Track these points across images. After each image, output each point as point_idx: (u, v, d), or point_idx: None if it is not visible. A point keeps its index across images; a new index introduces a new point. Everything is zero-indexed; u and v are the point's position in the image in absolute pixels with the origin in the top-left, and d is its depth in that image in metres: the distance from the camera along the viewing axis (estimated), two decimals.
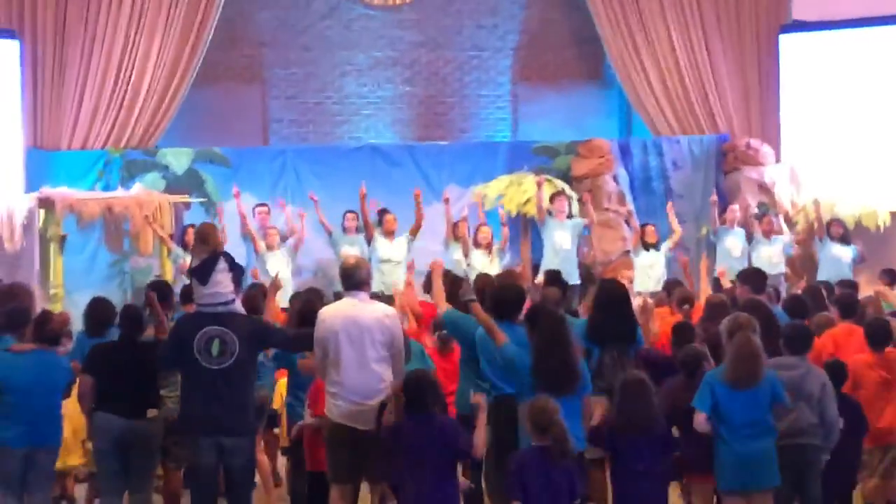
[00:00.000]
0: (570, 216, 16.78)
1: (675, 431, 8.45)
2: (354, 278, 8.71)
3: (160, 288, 10.17)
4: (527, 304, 9.22)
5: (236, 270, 8.88)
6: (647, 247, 16.51)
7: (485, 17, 20.35)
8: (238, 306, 8.75)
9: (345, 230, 16.58)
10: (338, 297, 9.55)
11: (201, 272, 8.62)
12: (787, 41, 19.14)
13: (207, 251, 8.77)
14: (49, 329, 9.10)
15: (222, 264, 8.60)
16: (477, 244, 16.21)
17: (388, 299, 10.80)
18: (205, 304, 8.62)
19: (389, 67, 20.24)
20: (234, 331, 8.46)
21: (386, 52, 20.21)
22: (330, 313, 8.60)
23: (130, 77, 18.37)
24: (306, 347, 8.91)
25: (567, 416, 7.81)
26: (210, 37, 18.64)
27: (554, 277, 11.13)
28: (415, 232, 16.21)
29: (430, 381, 8.02)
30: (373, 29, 20.18)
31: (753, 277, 11.35)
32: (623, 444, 8.16)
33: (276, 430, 10.81)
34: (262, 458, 10.24)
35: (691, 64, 19.32)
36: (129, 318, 9.31)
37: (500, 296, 8.93)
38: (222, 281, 8.57)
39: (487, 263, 15.65)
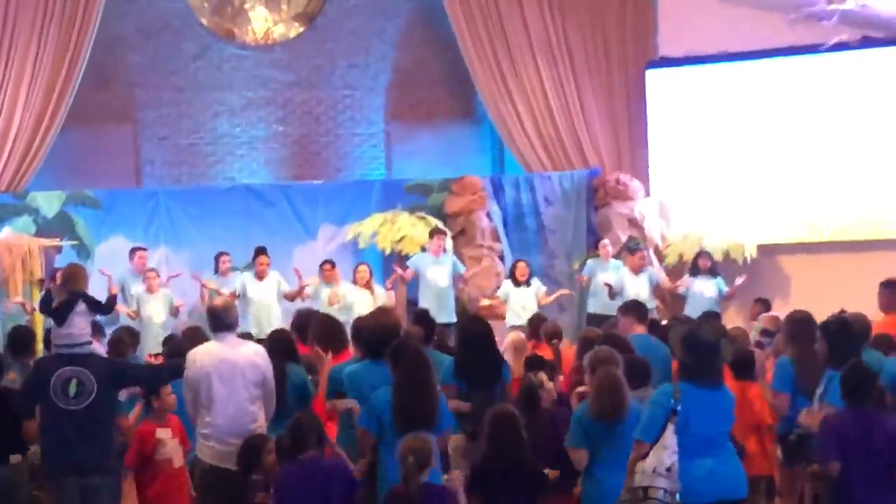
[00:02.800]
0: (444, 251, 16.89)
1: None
2: (223, 319, 8.69)
3: (19, 336, 9.95)
4: None
5: (101, 308, 8.85)
6: (517, 283, 16.63)
7: (357, 56, 20.41)
8: (96, 347, 8.72)
9: (219, 272, 16.53)
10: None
11: (59, 314, 8.58)
12: (653, 77, 19.49)
13: (67, 292, 8.73)
14: None
15: (81, 306, 8.57)
16: (356, 282, 16.30)
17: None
18: (61, 346, 8.58)
19: (262, 107, 20.21)
20: (91, 371, 8.42)
21: (258, 92, 20.17)
22: (201, 354, 8.57)
23: None
24: (164, 382, 8.91)
25: None
26: (80, 78, 18.41)
27: (419, 316, 11.14)
28: (291, 298, 16.20)
29: (312, 423, 7.94)
30: (245, 69, 20.14)
31: (635, 309, 11.41)
32: (493, 482, 8.10)
33: None
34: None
35: (561, 100, 19.56)
36: None
37: (372, 334, 8.97)
38: (79, 323, 8.55)
39: (369, 302, 15.67)
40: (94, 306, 8.81)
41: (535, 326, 12.75)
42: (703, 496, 7.67)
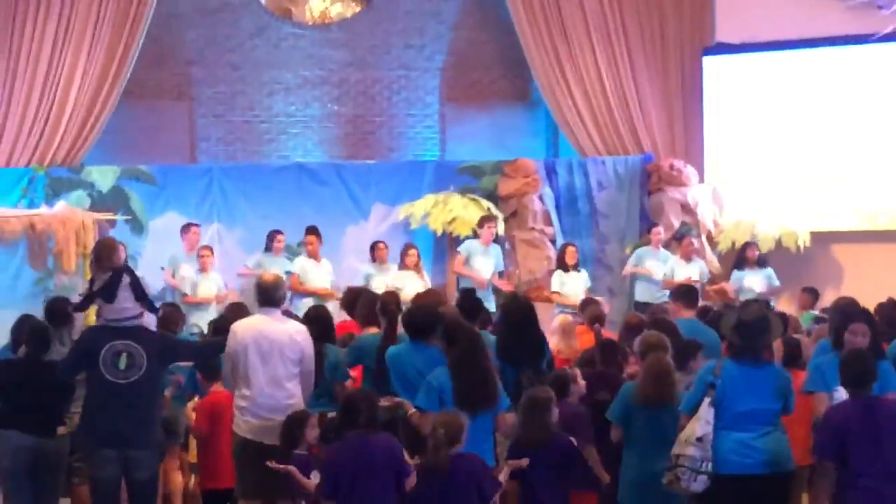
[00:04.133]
0: (496, 239, 16.86)
1: None
2: (270, 295, 8.75)
3: (57, 307, 9.97)
4: None
5: (142, 298, 8.89)
6: (566, 268, 16.59)
7: (413, 37, 20.42)
8: (145, 320, 8.74)
9: (272, 251, 16.54)
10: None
11: (107, 292, 8.56)
12: (710, 63, 19.36)
13: (108, 269, 8.76)
14: None
15: (125, 280, 8.59)
16: (405, 265, 16.20)
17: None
18: (111, 320, 8.58)
19: (317, 86, 20.25)
20: (142, 345, 8.44)
21: (314, 71, 20.22)
22: (241, 327, 8.66)
23: (56, 94, 18.26)
24: (212, 356, 8.96)
25: (479, 433, 7.92)
26: (137, 54, 18.56)
27: (465, 295, 11.09)
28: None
29: (366, 401, 7.89)
30: (301, 48, 20.19)
31: (685, 294, 11.37)
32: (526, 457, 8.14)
33: None
34: (176, 476, 10.22)
35: (617, 85, 19.48)
36: (35, 336, 9.25)
37: (412, 316, 9.01)
38: (128, 297, 8.56)
39: (419, 285, 15.42)
40: (137, 290, 8.81)
41: (583, 310, 12.76)
42: (732, 467, 7.93)
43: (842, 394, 8.09)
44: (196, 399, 10.02)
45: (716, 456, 7.88)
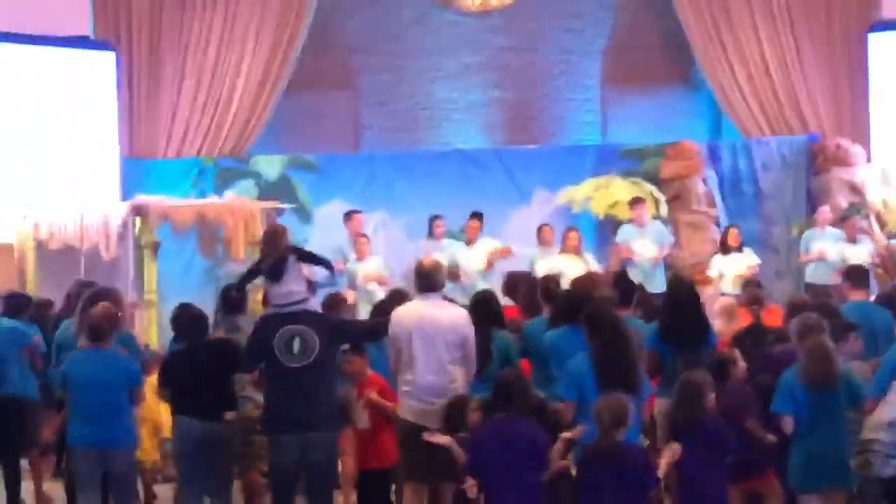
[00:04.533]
0: (656, 217, 16.78)
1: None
2: (430, 280, 8.83)
3: (230, 295, 10.15)
4: None
5: (317, 260, 9.08)
6: (728, 250, 16.46)
7: (572, 20, 20.36)
8: (313, 303, 8.91)
9: (433, 236, 16.67)
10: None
11: (274, 272, 8.76)
12: (875, 40, 18.99)
13: (272, 252, 8.96)
14: (92, 325, 9.36)
15: (292, 261, 8.77)
16: (566, 249, 16.19)
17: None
18: (280, 305, 8.75)
19: (478, 72, 20.34)
20: (314, 328, 8.56)
21: (475, 58, 20.31)
22: (404, 312, 8.75)
23: (223, 86, 18.72)
24: (378, 338, 9.14)
25: None
26: (301, 44, 18.90)
27: (618, 279, 11.02)
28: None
29: (519, 383, 8.01)
30: (461, 34, 20.28)
31: (855, 274, 11.23)
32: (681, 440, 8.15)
33: None
34: (348, 459, 10.33)
35: (780, 65, 19.19)
36: (195, 322, 9.48)
37: (564, 302, 9.04)
38: (294, 279, 8.74)
39: (579, 268, 15.39)
40: (309, 258, 9.01)
41: (743, 292, 12.71)
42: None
43: None
44: None
45: None
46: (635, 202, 16.82)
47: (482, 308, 9.46)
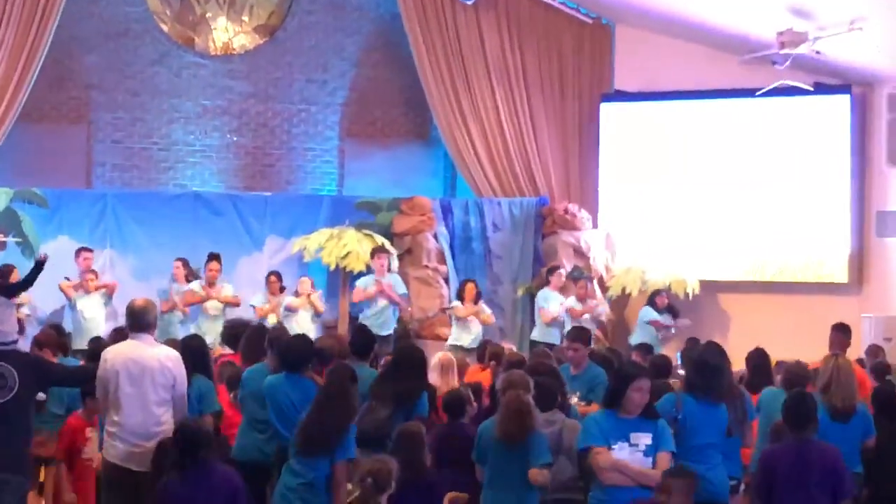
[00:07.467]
0: (389, 270, 16.97)
1: None
2: (139, 319, 8.67)
3: None
4: None
5: (25, 281, 8.86)
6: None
7: (315, 72, 20.48)
8: (20, 346, 8.67)
9: (174, 278, 16.66)
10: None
11: None
12: (607, 109, 19.65)
13: None
14: None
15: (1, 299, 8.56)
16: (297, 294, 16.57)
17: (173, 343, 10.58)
18: None
19: (218, 116, 20.22)
20: (13, 365, 8.31)
21: (215, 101, 20.19)
22: (113, 353, 8.57)
23: None
24: (84, 382, 8.92)
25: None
26: (35, 76, 18.39)
27: (357, 330, 11.20)
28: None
29: (205, 431, 7.90)
30: (202, 77, 20.16)
31: (581, 334, 11.59)
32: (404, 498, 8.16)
33: None
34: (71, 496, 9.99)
35: (514, 127, 19.68)
36: None
37: (287, 350, 9.17)
38: (6, 319, 8.52)
39: (307, 316, 16.31)
40: (11, 289, 8.77)
41: (483, 350, 13.24)
42: None
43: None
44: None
45: None
46: (378, 252, 16.94)
47: (186, 353, 9.25)
